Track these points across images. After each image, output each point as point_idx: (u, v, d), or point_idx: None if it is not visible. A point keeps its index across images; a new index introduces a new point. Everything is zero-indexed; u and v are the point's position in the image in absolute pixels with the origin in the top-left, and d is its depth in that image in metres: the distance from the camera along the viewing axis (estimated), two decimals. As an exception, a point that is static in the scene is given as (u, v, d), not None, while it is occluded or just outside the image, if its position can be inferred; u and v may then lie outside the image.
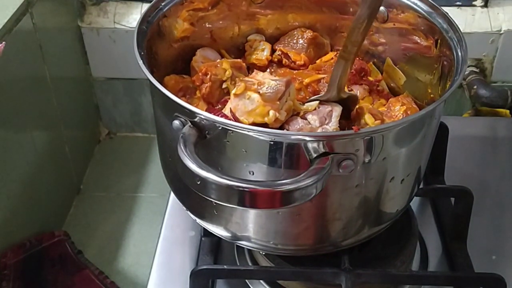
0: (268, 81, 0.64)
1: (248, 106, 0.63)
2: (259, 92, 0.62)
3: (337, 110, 0.66)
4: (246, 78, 0.67)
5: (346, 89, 0.69)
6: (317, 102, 0.67)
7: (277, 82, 0.64)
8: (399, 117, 0.69)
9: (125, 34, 1.20)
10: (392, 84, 0.79)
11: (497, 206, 0.89)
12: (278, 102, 0.62)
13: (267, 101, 0.62)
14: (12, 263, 0.97)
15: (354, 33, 0.62)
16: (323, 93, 0.70)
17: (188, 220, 0.84)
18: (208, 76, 0.70)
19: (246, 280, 0.75)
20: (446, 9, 0.71)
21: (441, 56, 0.70)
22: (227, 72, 0.71)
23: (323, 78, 0.73)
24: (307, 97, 0.71)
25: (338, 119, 0.66)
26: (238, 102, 0.63)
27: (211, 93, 0.71)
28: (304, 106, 0.67)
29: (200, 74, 0.71)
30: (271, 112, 0.62)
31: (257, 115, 0.62)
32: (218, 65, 0.72)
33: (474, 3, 1.17)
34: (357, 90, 0.74)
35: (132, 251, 1.11)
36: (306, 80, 0.73)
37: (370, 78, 0.77)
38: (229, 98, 0.67)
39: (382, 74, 0.79)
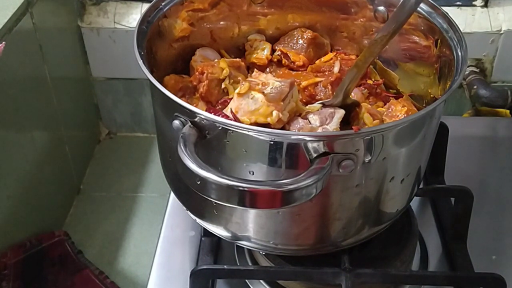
0: (272, 82, 0.64)
1: (251, 106, 0.63)
2: (263, 92, 0.63)
3: (339, 112, 0.66)
4: (250, 78, 0.67)
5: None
6: (320, 105, 0.67)
7: (281, 83, 0.64)
8: (400, 118, 0.69)
9: (125, 34, 1.20)
10: (391, 84, 0.79)
11: (497, 206, 0.89)
12: (281, 103, 0.63)
13: (271, 101, 0.62)
14: (12, 263, 0.97)
15: (376, 45, 0.62)
16: (319, 97, 0.70)
17: (188, 220, 0.84)
18: (205, 75, 0.70)
19: (246, 280, 0.75)
20: (446, 9, 0.71)
21: (441, 56, 0.70)
22: (224, 71, 0.71)
23: (321, 81, 0.73)
24: (304, 100, 0.71)
25: (340, 121, 0.66)
26: (242, 102, 0.63)
27: (209, 91, 0.71)
28: (307, 107, 0.67)
29: (197, 73, 0.71)
30: (274, 113, 0.62)
31: (260, 115, 0.62)
32: (215, 64, 0.72)
33: (474, 3, 1.17)
34: (355, 95, 0.74)
35: (132, 251, 1.11)
36: (303, 83, 0.72)
37: (370, 81, 0.77)
38: (229, 99, 0.68)
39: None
